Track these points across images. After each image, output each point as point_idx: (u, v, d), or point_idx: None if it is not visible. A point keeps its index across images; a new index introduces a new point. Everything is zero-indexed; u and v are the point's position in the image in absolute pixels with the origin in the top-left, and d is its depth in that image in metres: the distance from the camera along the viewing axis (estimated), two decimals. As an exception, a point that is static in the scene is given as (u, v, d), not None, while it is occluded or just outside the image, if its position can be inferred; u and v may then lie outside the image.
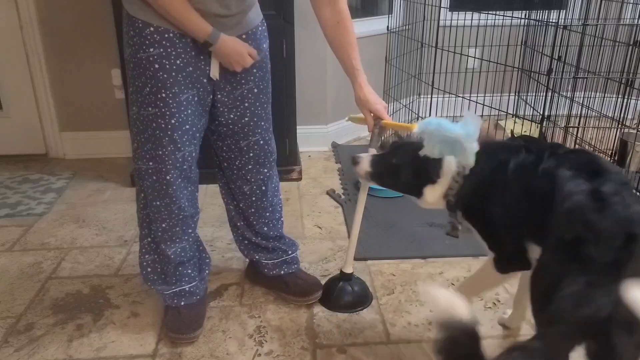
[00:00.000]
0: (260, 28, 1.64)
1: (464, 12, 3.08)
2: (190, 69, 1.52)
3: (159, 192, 1.63)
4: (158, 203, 1.64)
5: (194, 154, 1.64)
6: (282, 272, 1.92)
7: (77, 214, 2.60)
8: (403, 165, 1.48)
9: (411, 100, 3.48)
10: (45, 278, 2.07)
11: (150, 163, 1.59)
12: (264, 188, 1.82)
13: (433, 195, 1.47)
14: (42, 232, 2.43)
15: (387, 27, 3.29)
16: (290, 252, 1.94)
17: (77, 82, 3.17)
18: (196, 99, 1.56)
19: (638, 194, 2.48)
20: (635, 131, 2.63)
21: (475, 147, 1.36)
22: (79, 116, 3.25)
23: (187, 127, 1.57)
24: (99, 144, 3.28)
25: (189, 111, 1.55)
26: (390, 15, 3.31)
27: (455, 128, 1.36)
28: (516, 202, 1.33)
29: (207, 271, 1.87)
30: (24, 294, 1.97)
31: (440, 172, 1.44)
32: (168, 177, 1.60)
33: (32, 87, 3.16)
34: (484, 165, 1.40)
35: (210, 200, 2.66)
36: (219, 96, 1.63)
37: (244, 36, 1.57)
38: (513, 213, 1.34)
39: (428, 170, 1.45)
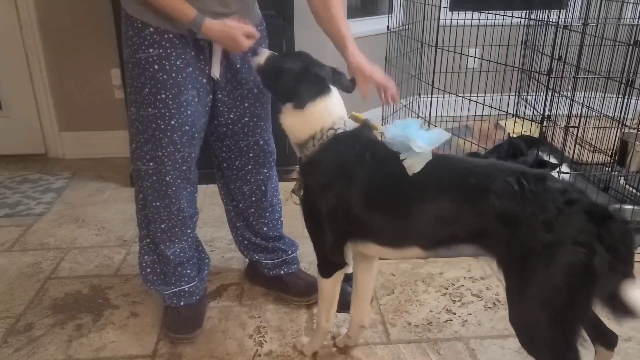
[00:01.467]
0: (259, 27, 1.63)
1: (464, 12, 3.07)
2: (190, 69, 1.51)
3: (159, 193, 1.62)
4: (158, 204, 1.64)
5: (193, 155, 1.63)
6: (282, 272, 1.92)
7: (76, 214, 2.60)
8: (287, 71, 1.39)
9: (411, 100, 3.48)
10: (45, 278, 2.07)
11: (151, 164, 1.58)
12: (263, 188, 1.82)
13: (288, 118, 1.39)
14: (41, 232, 2.42)
15: (387, 26, 3.28)
16: (290, 252, 1.94)
17: (77, 82, 3.16)
18: (196, 99, 1.56)
19: (639, 194, 2.48)
20: (635, 131, 2.63)
21: (428, 155, 1.27)
22: (78, 116, 3.24)
23: (187, 127, 1.56)
24: (99, 143, 3.28)
25: (189, 112, 1.55)
26: (390, 15, 3.31)
27: (414, 133, 1.29)
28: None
29: (206, 271, 1.87)
30: (24, 294, 1.97)
31: (306, 102, 1.35)
32: (168, 178, 1.60)
33: (32, 87, 3.16)
34: (340, 146, 1.34)
35: (209, 200, 2.65)
36: (219, 96, 1.63)
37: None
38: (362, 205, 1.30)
39: (299, 91, 1.35)
